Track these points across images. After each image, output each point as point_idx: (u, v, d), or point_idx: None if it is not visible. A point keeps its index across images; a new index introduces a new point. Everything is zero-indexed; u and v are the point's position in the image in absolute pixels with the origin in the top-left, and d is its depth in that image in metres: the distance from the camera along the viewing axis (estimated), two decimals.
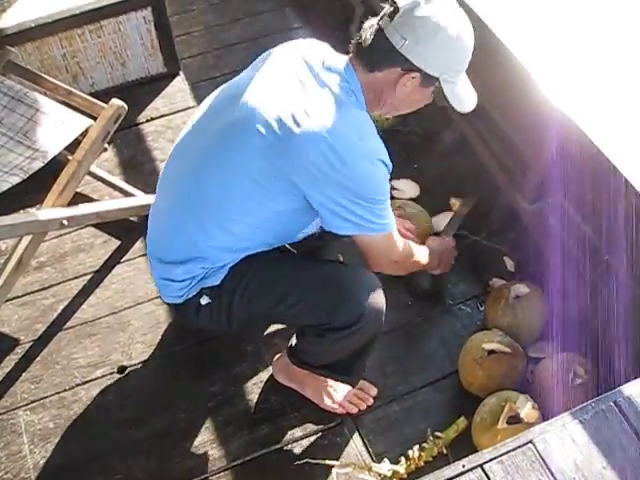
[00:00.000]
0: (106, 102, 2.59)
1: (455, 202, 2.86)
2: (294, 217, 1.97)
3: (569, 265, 2.38)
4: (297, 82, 1.87)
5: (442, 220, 2.80)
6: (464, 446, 2.21)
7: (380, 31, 1.83)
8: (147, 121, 3.27)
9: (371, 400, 2.37)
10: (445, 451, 2.24)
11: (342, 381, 2.32)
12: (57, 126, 2.56)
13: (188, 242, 1.99)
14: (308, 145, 1.79)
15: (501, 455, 1.64)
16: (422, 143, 3.09)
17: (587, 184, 2.28)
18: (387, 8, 1.84)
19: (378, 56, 1.85)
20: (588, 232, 2.32)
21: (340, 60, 1.92)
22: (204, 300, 2.04)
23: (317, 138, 1.78)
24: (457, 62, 1.88)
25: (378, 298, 2.06)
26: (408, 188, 2.95)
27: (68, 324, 2.63)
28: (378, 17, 1.86)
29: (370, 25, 1.87)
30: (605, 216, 2.15)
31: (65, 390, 2.47)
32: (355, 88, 1.88)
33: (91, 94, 2.97)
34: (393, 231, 2.00)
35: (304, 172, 1.82)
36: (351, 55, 1.91)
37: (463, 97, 1.96)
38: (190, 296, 2.05)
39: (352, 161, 1.80)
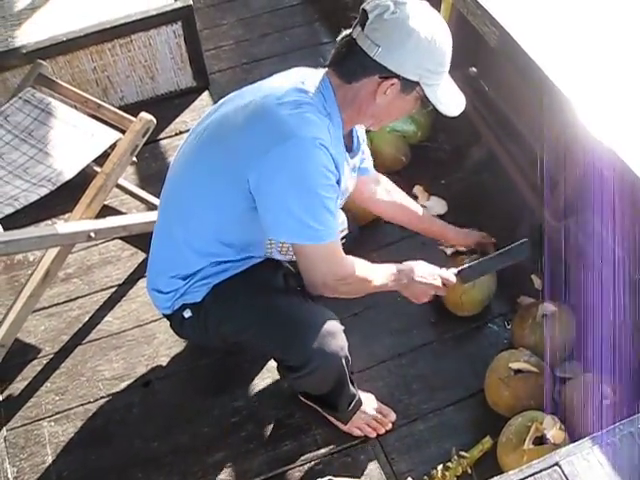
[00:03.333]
0: (135, 116, 2.61)
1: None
2: (247, 220, 1.91)
3: (597, 284, 2.35)
4: (267, 87, 1.91)
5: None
6: (489, 466, 2.18)
7: (353, 41, 1.79)
8: (176, 135, 3.29)
9: (389, 425, 2.34)
10: (470, 471, 2.21)
11: (332, 416, 2.32)
12: (86, 139, 2.58)
13: (171, 245, 2.03)
14: (257, 124, 1.82)
15: (527, 477, 1.61)
16: (450, 159, 3.08)
17: (616, 201, 2.25)
18: (358, 17, 1.80)
19: (353, 66, 1.82)
20: (617, 250, 2.29)
21: (317, 73, 1.91)
22: (187, 314, 2.07)
23: (266, 119, 1.81)
24: (435, 64, 1.83)
25: (329, 343, 2.00)
26: (436, 205, 2.94)
27: (94, 336, 2.64)
28: (349, 31, 1.83)
29: (343, 36, 1.84)
30: (635, 234, 2.12)
31: (89, 402, 2.47)
32: (326, 94, 1.86)
33: (120, 107, 3.01)
34: (334, 243, 1.90)
35: (248, 148, 1.82)
36: (327, 69, 1.89)
37: (447, 100, 1.90)
38: (176, 308, 2.08)
39: (287, 138, 1.76)
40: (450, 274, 2.24)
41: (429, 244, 2.79)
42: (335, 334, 2.03)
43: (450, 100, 1.91)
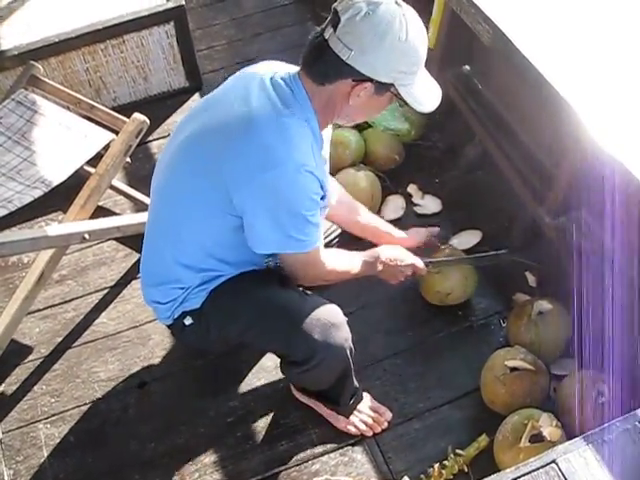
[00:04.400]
0: (128, 116, 2.61)
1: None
2: (238, 238, 1.92)
3: (592, 281, 2.35)
4: (241, 95, 1.87)
5: (463, 241, 2.79)
6: (485, 464, 2.18)
7: (325, 42, 1.74)
8: (169, 135, 3.26)
9: (386, 424, 2.34)
10: (466, 469, 2.21)
11: (333, 410, 2.32)
12: (79, 140, 2.58)
13: (161, 263, 2.03)
14: (240, 147, 1.79)
15: (523, 475, 1.61)
16: (444, 158, 3.08)
17: (611, 199, 2.25)
18: (329, 17, 1.77)
19: (325, 69, 1.78)
20: (612, 247, 2.29)
21: (290, 72, 1.88)
22: (187, 321, 2.07)
23: (249, 142, 1.78)
24: (410, 64, 1.79)
25: (333, 335, 2.01)
26: (430, 203, 2.94)
27: (89, 338, 2.63)
28: (322, 28, 1.78)
29: (314, 35, 1.79)
30: (630, 232, 2.12)
31: (85, 404, 2.47)
32: (300, 98, 1.83)
33: (113, 108, 3.00)
34: (315, 249, 1.94)
35: (233, 172, 1.81)
36: (300, 66, 1.85)
37: (422, 97, 1.86)
38: (176, 316, 2.07)
39: (273, 166, 1.76)
40: (417, 259, 2.32)
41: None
42: (338, 325, 2.04)
43: (425, 96, 1.87)
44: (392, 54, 1.74)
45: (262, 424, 2.38)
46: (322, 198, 1.91)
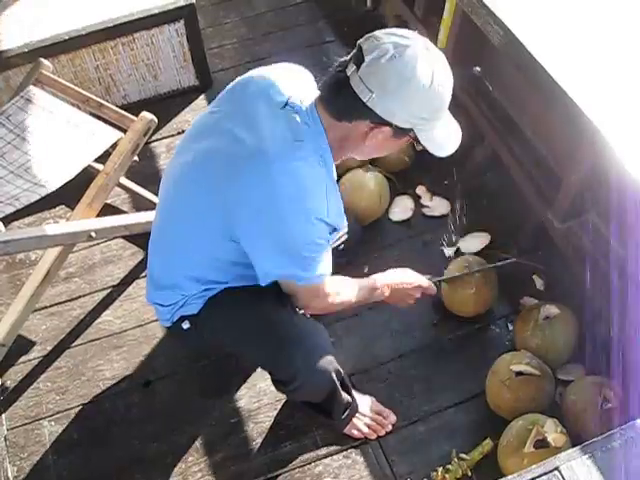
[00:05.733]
0: (137, 114, 2.61)
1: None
2: (239, 265, 1.92)
3: (600, 286, 2.33)
4: (249, 118, 1.80)
5: (469, 243, 2.78)
6: (489, 469, 2.18)
7: (346, 79, 1.68)
8: (178, 134, 3.28)
9: (389, 427, 2.34)
10: (470, 473, 2.21)
11: (328, 424, 2.32)
12: (87, 138, 2.57)
13: (169, 272, 2.03)
14: (248, 189, 1.74)
15: None
16: (453, 160, 3.04)
17: (620, 203, 2.24)
18: (353, 53, 1.70)
19: (344, 107, 1.72)
20: (621, 252, 2.28)
21: (306, 100, 1.81)
22: (185, 325, 2.06)
23: (259, 186, 1.72)
24: (432, 111, 1.73)
25: (316, 360, 2.00)
26: (439, 205, 2.93)
27: (95, 336, 2.64)
28: (345, 60, 1.71)
29: (336, 69, 1.72)
30: (638, 236, 2.11)
31: (90, 402, 2.47)
32: (316, 133, 1.78)
33: (123, 106, 3.01)
34: (320, 284, 1.91)
35: (238, 210, 1.77)
36: (318, 98, 1.79)
37: (441, 142, 1.81)
38: (175, 320, 2.07)
39: (287, 215, 1.73)
40: (423, 279, 2.30)
41: (430, 244, 2.80)
42: (322, 350, 2.03)
43: (444, 142, 1.83)
44: (414, 101, 1.68)
45: (266, 425, 2.38)
46: (334, 231, 1.88)
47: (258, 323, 2.00)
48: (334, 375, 2.07)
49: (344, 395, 2.22)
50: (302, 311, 2.06)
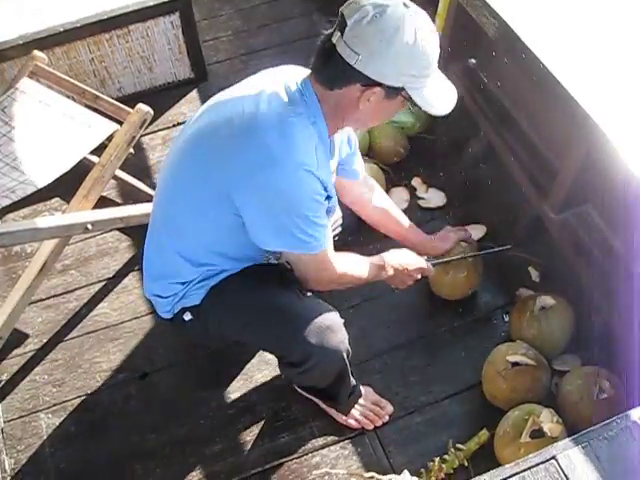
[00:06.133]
0: (133, 107, 2.60)
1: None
2: (239, 234, 1.91)
3: (596, 277, 2.34)
4: (254, 95, 1.85)
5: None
6: (486, 459, 2.18)
7: (332, 46, 1.71)
8: (174, 126, 3.28)
9: (387, 417, 2.34)
10: (466, 464, 2.21)
11: (332, 407, 2.32)
12: (83, 130, 2.57)
13: (162, 255, 2.04)
14: (242, 144, 1.78)
15: (523, 471, 1.61)
16: (449, 152, 3.06)
17: (615, 195, 2.24)
18: (337, 20, 1.73)
19: (334, 74, 1.75)
20: (616, 244, 2.29)
21: (301, 78, 1.85)
22: (187, 316, 2.07)
23: (251, 140, 1.77)
24: (420, 68, 1.74)
25: (330, 338, 2.01)
26: (434, 197, 2.94)
27: (91, 328, 2.64)
28: (330, 30, 1.75)
29: (323, 39, 1.76)
30: (633, 228, 2.12)
31: (87, 394, 2.47)
32: (310, 101, 1.81)
33: (118, 98, 3.00)
34: (324, 251, 1.93)
35: (234, 169, 1.80)
36: (310, 72, 1.83)
37: (435, 100, 1.81)
38: (176, 312, 2.08)
39: (272, 164, 1.75)
40: (423, 261, 2.32)
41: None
42: (334, 328, 2.03)
43: (438, 99, 1.83)
44: (400, 58, 1.69)
45: (263, 416, 2.38)
46: (327, 199, 1.90)
47: (266, 306, 2.01)
48: (345, 355, 2.08)
49: (351, 377, 2.23)
50: (310, 292, 2.08)
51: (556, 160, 2.48)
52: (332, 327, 2.02)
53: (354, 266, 2.10)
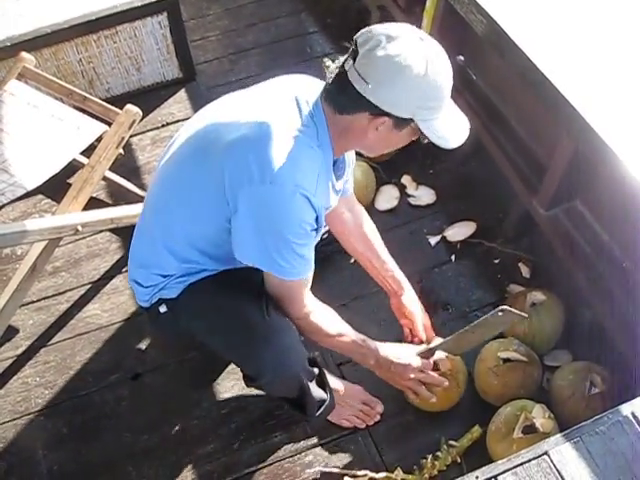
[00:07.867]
0: (122, 107, 2.60)
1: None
2: (223, 237, 1.89)
3: (586, 272, 2.35)
4: (267, 101, 1.84)
5: (455, 231, 2.79)
6: (478, 455, 2.19)
7: (344, 74, 1.69)
8: (163, 126, 3.27)
9: (377, 417, 2.35)
10: (459, 460, 2.22)
11: (305, 419, 2.32)
12: (72, 132, 2.56)
13: (149, 243, 2.03)
14: (246, 151, 1.75)
15: (516, 466, 1.62)
16: (438, 149, 3.05)
17: (604, 190, 2.25)
18: (351, 48, 1.71)
19: (343, 100, 1.73)
20: (605, 238, 2.30)
21: (313, 96, 1.82)
22: (162, 308, 2.06)
23: (257, 150, 1.73)
24: (430, 100, 1.70)
25: (285, 360, 2.00)
26: (424, 194, 2.94)
27: (82, 329, 2.63)
28: (344, 57, 1.72)
29: (335, 66, 1.74)
30: (622, 222, 2.13)
31: (79, 396, 2.47)
32: (318, 122, 1.79)
33: (107, 99, 3.00)
34: (297, 281, 1.89)
35: (234, 174, 1.77)
36: (322, 94, 1.80)
37: (445, 133, 1.78)
38: (153, 302, 2.07)
39: (272, 180, 1.71)
40: (416, 359, 2.19)
41: (415, 233, 2.81)
42: (290, 349, 2.01)
43: (449, 132, 1.79)
44: (409, 89, 1.67)
45: (256, 415, 2.38)
46: (316, 230, 1.87)
47: (232, 316, 1.98)
48: (302, 374, 2.08)
49: (317, 393, 2.20)
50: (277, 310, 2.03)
51: (545, 156, 2.49)
52: (288, 348, 2.00)
53: (326, 320, 2.05)
